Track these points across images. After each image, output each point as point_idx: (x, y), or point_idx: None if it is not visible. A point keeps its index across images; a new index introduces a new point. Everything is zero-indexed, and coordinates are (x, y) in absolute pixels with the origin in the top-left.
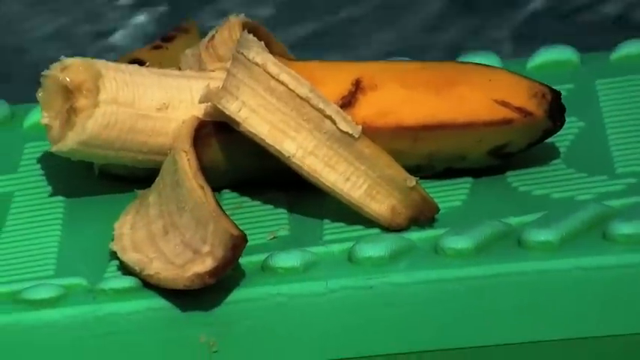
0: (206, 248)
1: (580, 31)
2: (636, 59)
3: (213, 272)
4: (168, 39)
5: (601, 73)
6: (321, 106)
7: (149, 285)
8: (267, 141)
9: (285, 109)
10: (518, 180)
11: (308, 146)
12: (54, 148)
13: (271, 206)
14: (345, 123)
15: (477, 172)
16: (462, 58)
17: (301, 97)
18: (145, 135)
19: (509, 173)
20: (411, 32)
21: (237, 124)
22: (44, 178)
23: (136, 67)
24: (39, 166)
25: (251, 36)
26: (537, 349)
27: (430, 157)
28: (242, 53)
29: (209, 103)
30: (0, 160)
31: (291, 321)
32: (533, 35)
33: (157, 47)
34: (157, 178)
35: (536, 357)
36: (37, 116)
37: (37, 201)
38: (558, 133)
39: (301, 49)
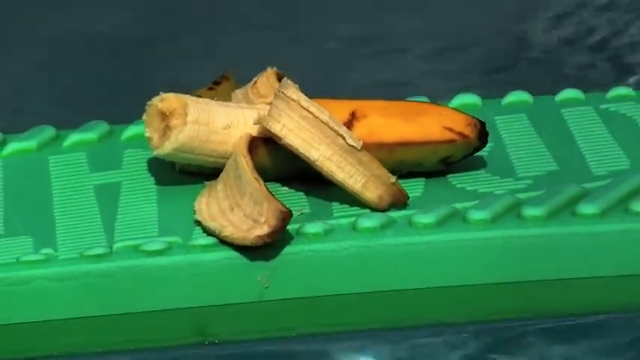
0: (262, 219)
1: None
2: (519, 104)
3: (269, 235)
4: (217, 83)
5: (497, 112)
6: (335, 128)
7: (224, 242)
8: (299, 150)
9: (312, 129)
10: (456, 180)
11: (326, 154)
12: (155, 153)
13: (301, 193)
14: (351, 139)
15: (428, 174)
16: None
17: (323, 122)
18: (215, 144)
19: (450, 175)
20: None
21: (279, 139)
22: (141, 173)
23: (209, 100)
24: (136, 165)
25: (289, 81)
26: (473, 290)
27: (399, 164)
28: (282, 92)
29: (259, 125)
30: (108, 161)
31: (318, 268)
32: None
33: (210, 89)
34: (222, 173)
35: (474, 296)
36: (131, 132)
37: (139, 188)
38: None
39: None
